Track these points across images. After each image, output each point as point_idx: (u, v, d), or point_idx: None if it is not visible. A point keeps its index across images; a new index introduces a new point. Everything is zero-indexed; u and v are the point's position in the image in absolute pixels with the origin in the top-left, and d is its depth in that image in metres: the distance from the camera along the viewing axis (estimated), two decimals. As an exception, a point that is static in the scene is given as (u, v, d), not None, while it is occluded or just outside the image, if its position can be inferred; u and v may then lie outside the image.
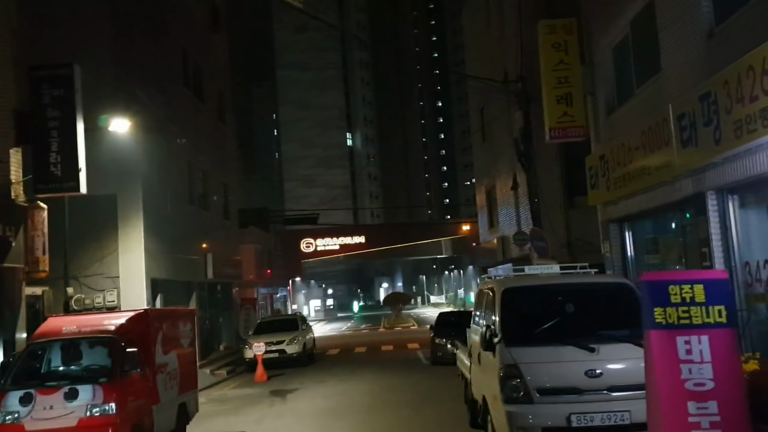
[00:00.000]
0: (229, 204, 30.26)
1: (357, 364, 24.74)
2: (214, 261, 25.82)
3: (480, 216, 31.45)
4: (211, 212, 27.00)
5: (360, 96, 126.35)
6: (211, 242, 26.25)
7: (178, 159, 23.27)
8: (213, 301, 29.08)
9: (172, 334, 12.16)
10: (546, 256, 14.15)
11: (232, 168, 31.80)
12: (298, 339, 25.58)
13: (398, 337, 38.45)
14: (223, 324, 30.03)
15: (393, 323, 55.90)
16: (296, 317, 27.96)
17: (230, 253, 29.29)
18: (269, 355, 24.15)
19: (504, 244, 25.26)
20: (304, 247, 67.64)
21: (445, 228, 70.74)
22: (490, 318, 8.84)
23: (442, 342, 22.09)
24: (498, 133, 25.20)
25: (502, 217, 25.75)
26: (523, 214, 21.82)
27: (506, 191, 24.36)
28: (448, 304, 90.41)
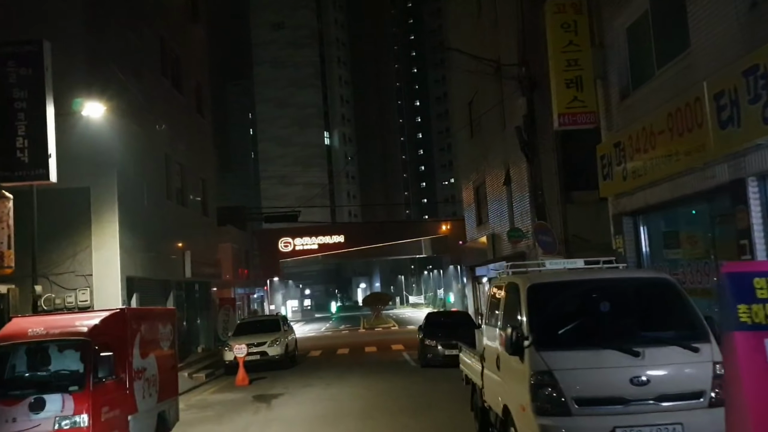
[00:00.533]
0: (208, 200, 29.08)
1: (342, 367, 23.73)
2: (193, 259, 24.68)
3: (467, 214, 30.56)
4: (189, 208, 25.84)
5: (338, 94, 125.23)
6: (189, 239, 25.10)
7: (156, 151, 22.10)
8: (191, 301, 27.90)
9: (151, 336, 11.07)
10: (552, 252, 13.23)
11: (211, 163, 30.60)
12: (280, 340, 24.52)
13: (380, 338, 37.54)
14: (201, 325, 28.84)
15: (373, 324, 55.02)
16: (278, 318, 26.88)
17: (209, 251, 28.12)
18: (250, 358, 23.07)
19: (494, 242, 24.37)
20: (282, 247, 66.41)
21: (425, 227, 69.87)
22: (512, 318, 7.87)
23: (432, 344, 21.17)
24: (489, 126, 24.30)
25: (492, 214, 24.86)
26: (517, 210, 20.94)
27: (497, 186, 23.48)
28: (427, 304, 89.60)
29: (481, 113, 25.17)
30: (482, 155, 25.89)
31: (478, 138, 26.55)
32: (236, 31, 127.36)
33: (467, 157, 29.39)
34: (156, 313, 12.15)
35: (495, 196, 24.07)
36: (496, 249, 24.26)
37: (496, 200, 23.99)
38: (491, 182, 24.62)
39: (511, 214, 22.06)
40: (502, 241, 23.43)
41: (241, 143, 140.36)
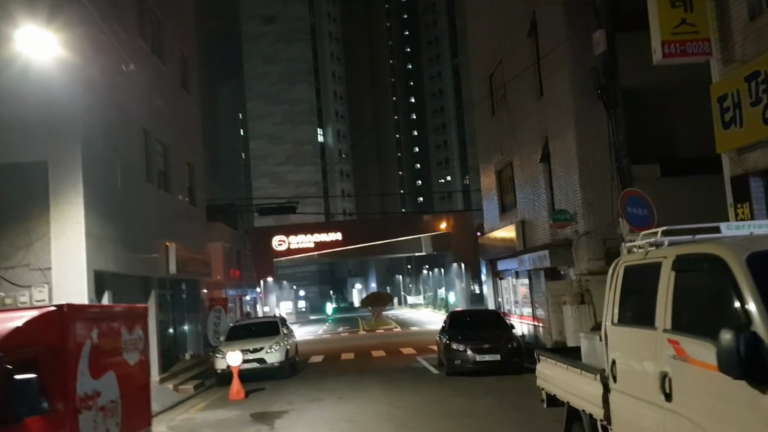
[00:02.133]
0: (196, 188, 25.78)
1: (351, 375, 20.51)
2: (178, 253, 21.39)
3: (486, 202, 27.37)
4: (173, 195, 22.55)
5: (331, 90, 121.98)
6: (173, 231, 21.84)
7: (132, 123, 18.81)
8: (177, 302, 24.61)
9: (110, 346, 7.85)
10: (650, 227, 10.07)
11: (198, 148, 27.29)
12: (280, 345, 21.30)
13: (385, 341, 34.41)
14: (189, 328, 25.54)
15: (373, 325, 51.96)
16: (276, 320, 23.65)
17: (197, 245, 24.84)
18: (246, 366, 19.92)
19: (525, 230, 21.19)
20: (276, 245, 63.18)
21: (424, 224, 66.63)
22: (707, 313, 4.65)
23: (460, 348, 17.96)
24: (519, 97, 21.15)
25: (522, 199, 21.69)
26: (561, 189, 17.76)
27: (530, 166, 20.31)
28: (426, 305, 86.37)
29: (508, 83, 22.02)
30: (508, 133, 22.73)
31: (503, 114, 23.38)
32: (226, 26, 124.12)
33: (487, 139, 26.22)
34: (117, 313, 8.83)
35: (526, 178, 20.89)
36: (527, 238, 21.08)
37: (527, 182, 20.82)
38: (521, 162, 21.44)
39: (550, 195, 18.90)
40: (535, 229, 20.27)
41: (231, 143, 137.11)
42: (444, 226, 64.65)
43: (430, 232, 65.58)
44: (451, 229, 64.20)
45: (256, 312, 60.37)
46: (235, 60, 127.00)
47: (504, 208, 24.40)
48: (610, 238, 16.04)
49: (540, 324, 20.97)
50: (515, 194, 22.61)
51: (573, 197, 16.82)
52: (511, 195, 23.26)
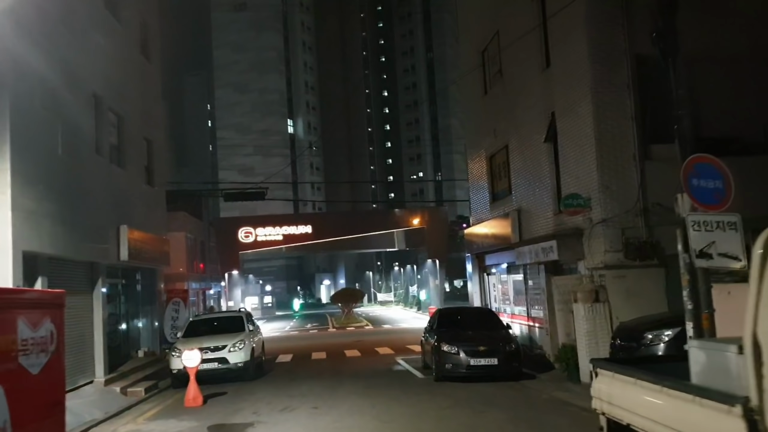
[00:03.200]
0: (155, 168, 23.21)
1: (326, 379, 18.20)
2: (132, 238, 18.88)
3: (473, 192, 25.21)
4: (128, 172, 19.98)
5: (303, 80, 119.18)
6: (128, 212, 19.33)
7: (79, 85, 16.27)
8: (130, 293, 22.09)
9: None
10: (722, 205, 7.96)
11: (159, 123, 24.71)
12: (245, 343, 18.92)
13: (359, 340, 32.25)
14: (143, 323, 23.00)
15: (344, 323, 49.78)
16: (241, 315, 21.19)
17: (155, 230, 22.29)
18: (206, 366, 17.57)
19: (521, 220, 19.04)
20: (243, 237, 60.52)
21: (397, 219, 64.40)
22: None
23: (452, 351, 15.75)
24: (519, 70, 19.00)
25: (519, 185, 19.53)
26: (572, 171, 15.60)
27: (532, 147, 18.17)
28: (397, 302, 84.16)
29: (506, 55, 19.87)
30: (503, 113, 20.58)
31: (498, 92, 21.22)
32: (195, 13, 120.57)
33: (477, 121, 24.04)
34: (10, 300, 6.31)
35: (526, 161, 18.73)
36: (524, 229, 18.93)
37: (527, 166, 18.66)
38: (519, 144, 19.29)
39: (555, 179, 16.75)
40: (535, 218, 18.12)
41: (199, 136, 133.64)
42: (417, 222, 62.55)
43: (404, 227, 63.43)
44: (425, 225, 62.12)
45: (219, 306, 57.65)
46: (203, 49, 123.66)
47: (495, 196, 22.23)
48: (630, 227, 14.00)
49: (537, 324, 18.84)
50: (510, 181, 20.45)
51: (586, 180, 14.68)
52: (504, 182, 21.10)
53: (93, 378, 16.77)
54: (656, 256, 13.80)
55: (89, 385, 16.40)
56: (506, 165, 20.74)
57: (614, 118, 14.30)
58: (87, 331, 16.78)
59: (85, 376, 16.47)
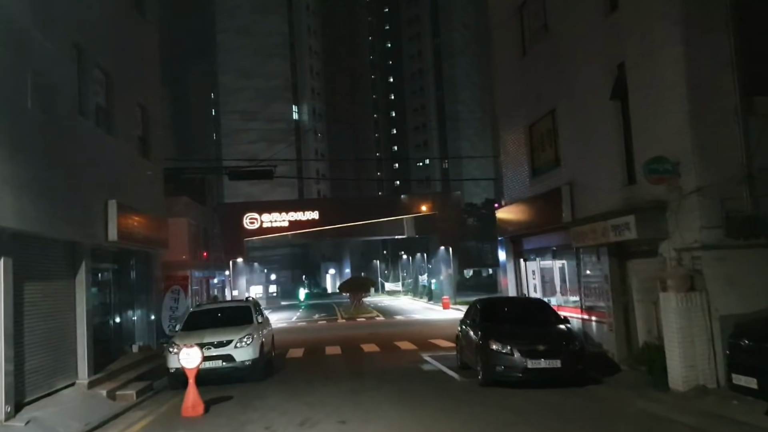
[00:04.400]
0: (151, 138, 20.55)
1: (347, 380, 15.60)
2: (122, 215, 16.24)
3: (506, 169, 22.52)
4: (118, 140, 17.30)
5: (308, 66, 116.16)
6: (117, 185, 16.70)
7: (58, 33, 13.58)
8: (122, 280, 19.49)
9: None
10: None
11: (156, 89, 22.02)
12: (253, 338, 16.32)
13: (373, 332, 29.82)
14: (138, 314, 20.40)
15: (353, 313, 47.16)
16: (249, 305, 18.54)
17: (150, 208, 19.65)
18: (208, 364, 15.06)
19: (573, 195, 16.35)
20: (248, 223, 58.00)
21: (408, 205, 61.73)
22: None
23: (504, 350, 13.07)
24: (572, 19, 16.26)
25: (570, 155, 16.82)
26: (651, 131, 12.87)
27: (591, 108, 15.45)
28: (405, 292, 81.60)
29: (553, 6, 17.17)
30: (549, 73, 17.87)
31: (542, 50, 18.52)
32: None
33: (513, 88, 21.30)
34: None
35: (582, 125, 16.01)
36: (577, 205, 16.26)
37: (584, 131, 15.94)
38: (572, 106, 16.57)
39: (623, 143, 14.05)
40: (593, 192, 15.42)
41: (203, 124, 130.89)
42: (428, 207, 59.91)
43: (414, 213, 60.81)
44: (437, 210, 59.48)
45: (224, 296, 55.17)
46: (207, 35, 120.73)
47: (536, 172, 19.53)
48: (732, 198, 11.32)
49: (594, 318, 16.18)
50: (557, 151, 17.76)
51: (671, 142, 11.96)
52: (549, 153, 18.39)
53: (75, 379, 14.16)
54: (765, 234, 11.15)
55: (70, 388, 13.79)
56: (552, 133, 18.03)
57: (709, 64, 11.61)
58: (68, 324, 14.16)
59: (65, 378, 13.87)
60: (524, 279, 21.30)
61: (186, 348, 12.76)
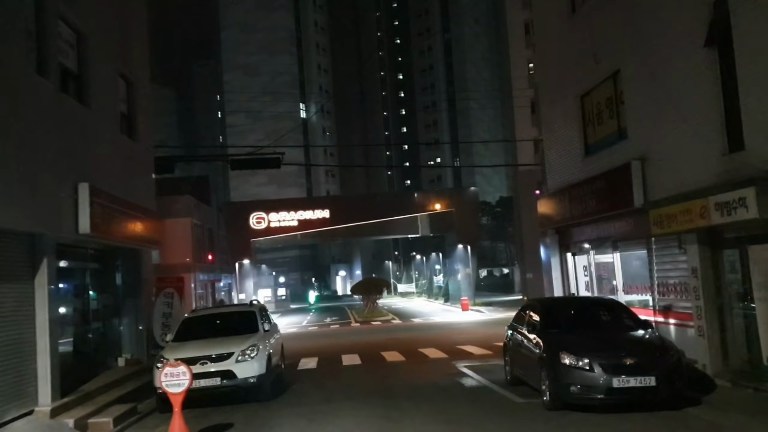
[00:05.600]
0: (138, 117, 17.67)
1: (374, 399, 12.71)
2: (97, 202, 13.34)
3: (549, 149, 19.58)
4: (94, 114, 14.41)
5: (315, 63, 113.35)
6: (92, 166, 13.81)
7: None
8: (105, 281, 16.66)
9: None
10: None
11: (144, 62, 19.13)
12: (259, 349, 13.39)
13: (392, 338, 27.02)
14: (125, 321, 17.51)
15: (367, 316, 44.37)
16: (253, 310, 15.55)
17: (137, 197, 16.78)
18: (204, 383, 12.31)
19: (648, 171, 13.40)
20: (254, 223, 55.06)
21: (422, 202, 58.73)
22: None
23: (580, 364, 10.07)
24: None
25: (643, 123, 13.81)
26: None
27: (672, 62, 12.47)
28: (419, 293, 78.56)
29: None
30: (609, 29, 14.90)
31: (600, 1, 15.54)
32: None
33: (559, 55, 18.34)
34: None
35: (660, 85, 13.01)
36: (652, 184, 13.29)
37: (662, 92, 12.93)
38: (644, 63, 13.57)
39: (723, 102, 11.05)
40: (675, 167, 12.44)
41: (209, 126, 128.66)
42: (444, 205, 56.92)
43: (429, 210, 57.81)
44: (454, 207, 56.45)
45: (230, 300, 52.35)
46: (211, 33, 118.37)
47: (590, 149, 16.55)
48: None
49: (674, 321, 13.21)
50: (621, 121, 14.79)
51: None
52: (609, 125, 15.43)
53: (34, 406, 11.28)
54: None
55: (25, 418, 10.91)
56: (614, 101, 15.06)
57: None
58: (24, 337, 11.28)
59: (20, 405, 10.99)
60: (573, 276, 18.31)
61: (169, 367, 9.81)
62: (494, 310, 42.35)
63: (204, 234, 48.07)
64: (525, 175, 52.25)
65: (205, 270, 47.08)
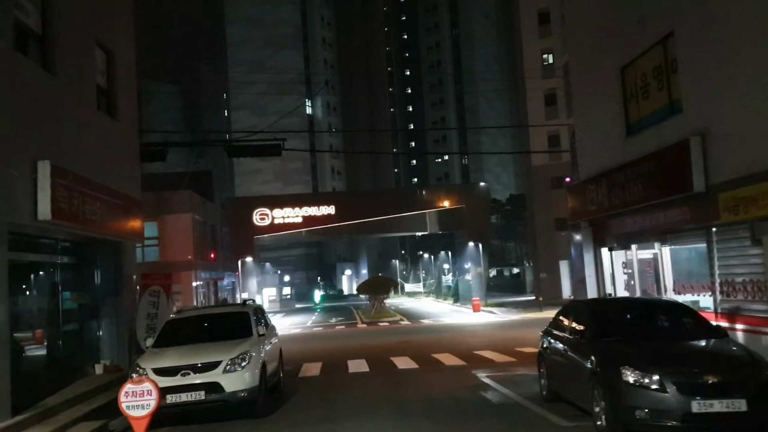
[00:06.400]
0: (119, 93, 15.67)
1: (386, 419, 10.72)
2: (61, 183, 11.34)
3: (581, 131, 17.53)
4: (60, 83, 12.40)
5: (321, 58, 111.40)
6: (55, 141, 11.80)
7: None
8: (79, 277, 14.68)
9: None
10: None
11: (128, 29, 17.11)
12: (251, 358, 11.37)
13: (402, 341, 25.01)
14: (104, 323, 15.52)
15: (374, 317, 42.46)
16: (246, 311, 13.44)
17: (116, 182, 14.78)
18: (185, 397, 10.62)
19: (710, 148, 11.34)
20: (258, 220, 53.22)
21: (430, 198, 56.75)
22: None
23: (648, 382, 7.97)
24: None
25: (704, 93, 11.73)
26: None
27: (739, 19, 10.36)
28: (427, 293, 76.46)
29: None
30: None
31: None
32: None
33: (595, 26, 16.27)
34: None
35: (728, 45, 10.92)
36: (713, 161, 11.21)
37: (732, 51, 10.84)
38: (705, 24, 11.49)
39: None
40: (750, 140, 10.36)
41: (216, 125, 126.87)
42: (454, 201, 54.95)
43: (436, 207, 55.83)
44: (464, 204, 54.49)
45: (234, 299, 50.43)
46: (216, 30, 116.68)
47: (633, 128, 14.47)
48: None
49: (741, 326, 11.12)
50: (673, 92, 12.73)
51: None
52: (659, 97, 13.35)
53: (-23, 427, 9.31)
54: None
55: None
56: (665, 69, 12.99)
57: None
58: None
59: (-42, 426, 9.02)
60: (609, 274, 16.23)
61: (131, 384, 7.78)
62: (508, 311, 40.27)
63: (206, 231, 46.21)
64: (539, 171, 50.30)
65: (207, 268, 45.23)
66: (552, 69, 51.52)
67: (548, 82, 51.04)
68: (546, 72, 51.63)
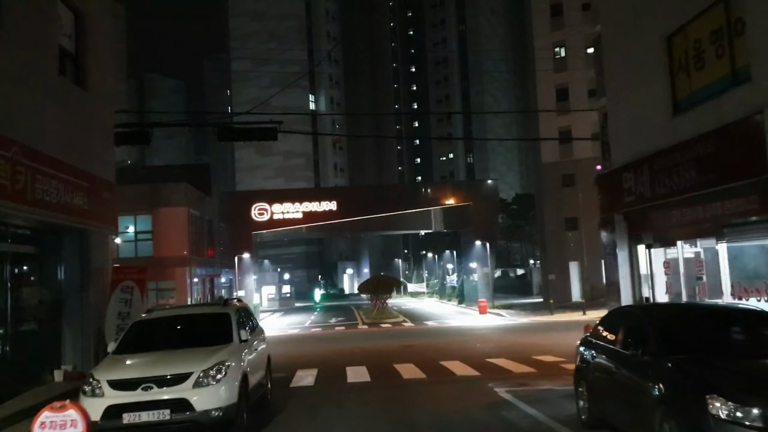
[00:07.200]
0: (90, 60, 13.67)
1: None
2: (4, 156, 9.32)
3: (614, 111, 15.47)
4: (8, 36, 10.40)
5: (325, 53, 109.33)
6: (4, 109, 9.77)
7: None
8: (38, 270, 12.69)
9: None
10: None
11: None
12: (228, 369, 9.31)
13: (406, 345, 23.22)
14: (67, 322, 13.52)
15: (376, 317, 40.70)
16: (227, 312, 11.28)
17: (84, 161, 12.78)
18: (146, 417, 8.63)
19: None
20: (256, 215, 51.15)
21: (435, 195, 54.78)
22: None
23: (745, 415, 5.91)
24: None
25: None
26: None
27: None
28: (430, 293, 74.47)
29: None
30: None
31: None
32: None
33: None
34: None
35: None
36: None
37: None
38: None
39: None
40: None
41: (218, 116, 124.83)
42: (460, 198, 52.94)
43: (441, 204, 53.80)
44: (470, 201, 52.44)
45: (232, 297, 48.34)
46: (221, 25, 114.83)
47: (683, 104, 12.44)
48: None
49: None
50: (734, 60, 10.73)
51: None
52: (717, 67, 11.32)
53: None
54: None
55: None
56: (727, 33, 10.94)
57: None
58: None
59: None
60: (647, 275, 14.19)
61: (49, 411, 5.75)
62: (516, 313, 38.32)
63: (203, 226, 44.32)
64: (549, 169, 48.36)
65: (203, 264, 43.34)
66: (564, 62, 49.69)
67: (560, 76, 49.17)
68: (558, 65, 49.76)
